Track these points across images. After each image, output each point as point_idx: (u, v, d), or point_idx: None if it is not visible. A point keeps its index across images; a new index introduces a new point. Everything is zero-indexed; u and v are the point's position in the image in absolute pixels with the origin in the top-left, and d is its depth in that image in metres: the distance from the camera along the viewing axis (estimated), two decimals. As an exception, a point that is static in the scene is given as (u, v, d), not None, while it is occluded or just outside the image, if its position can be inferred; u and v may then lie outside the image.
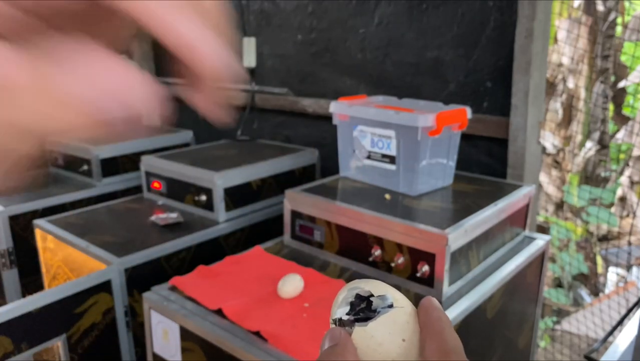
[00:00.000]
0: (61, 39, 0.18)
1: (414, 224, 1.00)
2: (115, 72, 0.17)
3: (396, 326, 0.28)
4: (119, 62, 0.17)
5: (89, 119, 0.18)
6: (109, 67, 0.17)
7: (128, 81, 0.17)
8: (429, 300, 0.29)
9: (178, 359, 1.07)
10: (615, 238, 3.30)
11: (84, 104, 0.17)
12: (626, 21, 2.90)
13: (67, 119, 0.17)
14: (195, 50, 0.18)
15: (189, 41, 0.18)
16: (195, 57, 0.19)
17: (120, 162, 1.88)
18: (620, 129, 3.26)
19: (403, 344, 0.28)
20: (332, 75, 1.71)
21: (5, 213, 1.58)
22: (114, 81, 0.17)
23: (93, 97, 0.17)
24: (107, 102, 0.17)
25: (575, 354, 2.69)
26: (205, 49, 0.18)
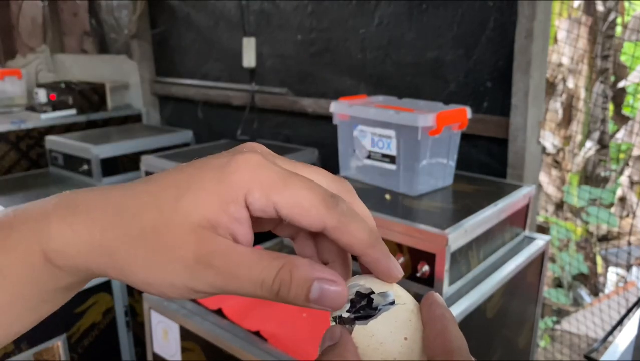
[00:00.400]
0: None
1: (414, 224, 1.00)
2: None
3: (397, 325, 0.27)
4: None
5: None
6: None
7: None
8: (433, 296, 0.28)
9: (178, 359, 1.07)
10: (615, 238, 3.30)
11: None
12: (626, 21, 2.90)
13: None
14: (386, 270, 0.28)
15: (385, 266, 0.28)
16: (385, 272, 0.29)
17: (120, 162, 1.88)
18: (620, 129, 3.26)
19: (405, 343, 0.27)
20: (332, 75, 1.71)
21: (5, 213, 1.58)
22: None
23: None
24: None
25: (575, 354, 2.69)
26: (389, 266, 0.28)
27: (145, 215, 0.27)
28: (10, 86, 2.62)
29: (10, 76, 2.63)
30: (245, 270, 0.26)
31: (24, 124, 2.05)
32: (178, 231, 0.26)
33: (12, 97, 2.62)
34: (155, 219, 0.26)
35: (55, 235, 0.27)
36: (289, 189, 0.26)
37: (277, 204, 0.26)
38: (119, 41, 2.50)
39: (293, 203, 0.26)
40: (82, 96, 2.28)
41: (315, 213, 0.26)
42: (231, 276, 0.26)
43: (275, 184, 0.26)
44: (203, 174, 0.27)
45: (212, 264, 0.26)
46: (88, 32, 2.74)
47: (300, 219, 0.27)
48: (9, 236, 0.27)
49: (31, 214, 0.28)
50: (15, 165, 2.04)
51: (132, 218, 0.27)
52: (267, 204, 0.27)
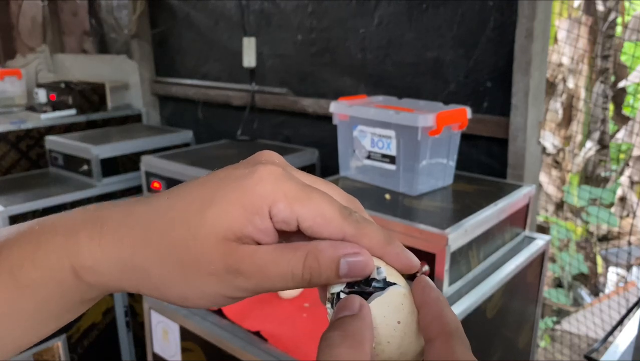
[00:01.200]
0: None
1: (414, 224, 1.00)
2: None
3: (391, 308, 0.27)
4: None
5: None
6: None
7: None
8: (425, 279, 0.29)
9: (178, 359, 1.07)
10: (615, 238, 3.30)
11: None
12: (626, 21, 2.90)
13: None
14: (407, 261, 0.29)
15: (405, 258, 0.29)
16: (406, 264, 0.29)
17: (120, 162, 1.88)
18: (620, 129, 3.26)
19: (398, 326, 0.27)
20: (332, 75, 1.71)
21: (5, 213, 1.58)
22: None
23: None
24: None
25: (575, 354, 2.69)
26: (408, 257, 0.29)
27: (173, 232, 0.28)
28: (10, 86, 2.62)
29: (10, 76, 2.63)
30: (272, 268, 0.27)
31: (24, 124, 2.05)
32: (206, 245, 0.27)
33: (12, 97, 2.62)
34: (183, 234, 0.27)
35: (84, 253, 0.28)
36: (312, 202, 0.28)
37: (300, 217, 0.28)
38: (119, 41, 2.50)
39: (315, 215, 0.28)
40: (82, 96, 2.28)
41: (336, 223, 0.28)
42: (261, 277, 0.27)
43: (298, 197, 0.28)
44: (226, 187, 0.28)
45: (240, 271, 0.27)
46: (88, 32, 2.74)
47: (321, 231, 0.28)
48: (37, 250, 0.28)
49: (58, 230, 0.29)
50: (15, 165, 2.04)
51: (161, 236, 0.28)
52: (291, 216, 0.28)
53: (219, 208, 0.27)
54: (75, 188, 1.79)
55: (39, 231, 0.29)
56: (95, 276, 0.28)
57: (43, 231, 0.29)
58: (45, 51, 2.93)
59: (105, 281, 0.28)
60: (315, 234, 0.28)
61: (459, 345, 0.25)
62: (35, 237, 0.28)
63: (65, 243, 0.28)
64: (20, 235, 0.29)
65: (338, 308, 0.27)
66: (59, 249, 0.28)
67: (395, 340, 0.27)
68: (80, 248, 0.28)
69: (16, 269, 0.27)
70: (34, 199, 1.66)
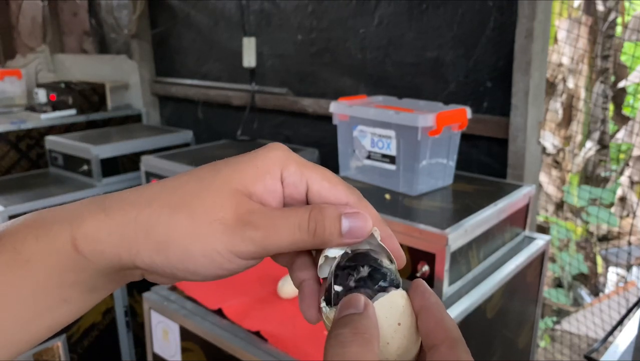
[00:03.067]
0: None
1: (414, 224, 1.00)
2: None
3: (392, 311, 0.27)
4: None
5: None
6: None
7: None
8: (422, 283, 0.29)
9: (178, 359, 1.07)
10: (615, 238, 3.30)
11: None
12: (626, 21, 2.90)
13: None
14: (397, 248, 0.31)
15: (396, 245, 0.31)
16: (396, 250, 0.31)
17: (120, 162, 1.88)
18: (620, 129, 3.26)
19: (398, 328, 0.27)
20: (332, 75, 1.71)
21: (5, 213, 1.58)
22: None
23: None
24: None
25: (575, 354, 2.69)
26: (398, 246, 0.31)
27: (186, 186, 0.29)
28: (10, 86, 2.62)
29: (10, 76, 2.63)
30: (281, 219, 0.28)
31: (24, 124, 2.05)
32: (218, 195, 0.28)
33: (12, 97, 2.62)
34: (196, 187, 0.28)
35: (87, 220, 0.28)
36: (318, 169, 0.30)
37: (309, 178, 0.30)
38: (119, 41, 2.50)
39: (322, 178, 0.30)
40: (82, 96, 2.28)
41: (342, 189, 0.30)
42: (270, 227, 0.28)
43: (306, 163, 0.30)
44: (239, 157, 0.30)
45: (250, 221, 0.28)
46: (88, 32, 2.74)
47: (328, 195, 0.30)
48: (42, 225, 0.28)
49: (64, 207, 0.29)
50: (15, 165, 2.04)
51: (173, 191, 0.29)
52: (301, 178, 0.30)
53: (232, 167, 0.29)
54: (75, 188, 1.79)
55: (45, 212, 0.29)
56: (93, 244, 0.27)
57: (49, 210, 0.29)
58: (45, 51, 2.93)
59: (102, 248, 0.27)
60: (322, 198, 0.30)
61: (464, 352, 0.26)
62: (41, 215, 0.29)
63: (69, 216, 0.28)
64: (29, 216, 0.29)
65: (343, 305, 0.27)
66: (62, 221, 0.28)
67: (395, 341, 0.27)
68: (83, 217, 0.28)
69: (19, 243, 0.27)
70: (34, 199, 1.66)
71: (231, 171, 0.29)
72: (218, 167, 0.29)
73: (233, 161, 0.30)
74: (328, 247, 0.29)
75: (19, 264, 0.27)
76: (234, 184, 0.28)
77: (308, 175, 0.30)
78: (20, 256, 0.27)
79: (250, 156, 0.30)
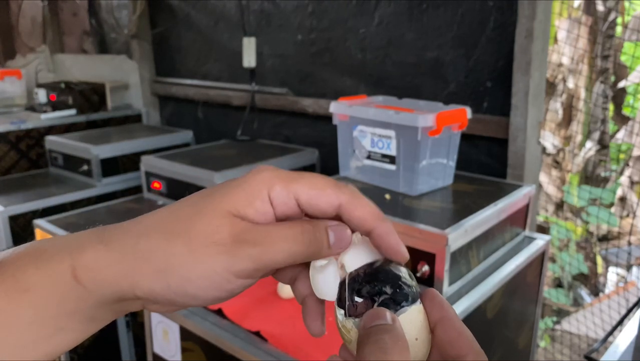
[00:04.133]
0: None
1: (414, 224, 1.00)
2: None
3: (412, 325, 0.28)
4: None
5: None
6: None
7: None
8: (438, 294, 0.29)
9: (178, 359, 1.07)
10: (615, 238, 3.30)
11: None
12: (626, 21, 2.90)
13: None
14: (396, 245, 0.31)
15: (396, 241, 0.31)
16: (395, 247, 0.31)
17: (120, 162, 1.88)
18: (620, 129, 3.26)
19: (416, 343, 0.28)
20: (332, 75, 1.71)
21: (5, 213, 1.58)
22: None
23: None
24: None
25: (575, 354, 2.69)
26: (399, 242, 0.31)
27: (180, 213, 0.29)
28: (10, 86, 2.62)
29: (10, 76, 2.63)
30: (275, 233, 0.29)
31: (24, 124, 2.05)
32: (212, 218, 0.29)
33: (12, 97, 2.62)
34: (190, 212, 0.29)
35: (87, 251, 0.28)
36: (304, 178, 0.31)
37: (296, 192, 0.30)
38: (119, 41, 2.50)
39: (310, 186, 0.30)
40: (82, 96, 2.28)
41: (331, 191, 0.30)
42: (266, 242, 0.28)
43: (292, 177, 0.31)
44: (228, 183, 0.31)
45: (246, 239, 0.28)
46: (88, 32, 2.74)
47: (317, 201, 0.30)
48: (42, 254, 0.28)
49: (65, 237, 0.30)
50: (15, 165, 2.04)
51: (169, 217, 0.29)
52: (288, 195, 0.30)
53: (223, 193, 0.30)
54: (75, 188, 1.79)
55: (46, 241, 0.29)
56: (93, 274, 0.28)
57: (50, 240, 0.29)
58: (45, 51, 2.93)
59: (102, 278, 0.28)
60: (314, 207, 0.30)
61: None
62: (41, 245, 0.29)
63: (68, 246, 0.28)
64: (29, 245, 0.29)
65: (371, 316, 0.27)
66: (62, 251, 0.28)
67: (412, 357, 0.27)
68: (83, 247, 0.28)
69: (20, 272, 0.27)
70: (34, 199, 1.66)
71: (222, 195, 0.29)
72: (209, 193, 0.30)
73: (223, 187, 0.30)
74: (318, 258, 0.30)
75: (19, 293, 0.27)
76: (227, 207, 0.29)
77: (294, 189, 0.30)
78: (20, 285, 0.27)
79: (238, 182, 0.30)
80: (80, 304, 0.28)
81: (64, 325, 0.28)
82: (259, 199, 0.30)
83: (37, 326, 0.28)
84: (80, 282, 0.28)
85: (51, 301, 0.28)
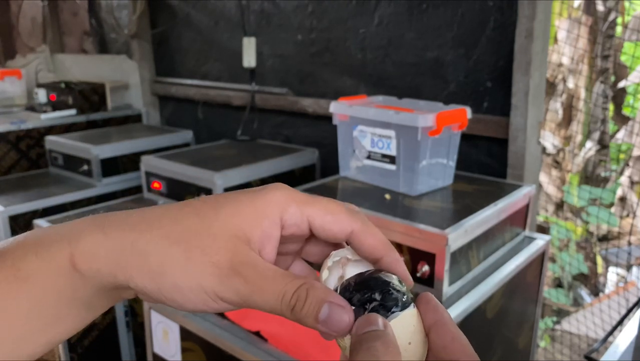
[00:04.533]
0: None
1: (414, 224, 1.00)
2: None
3: (404, 330, 0.28)
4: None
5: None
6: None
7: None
8: (433, 298, 0.29)
9: (178, 359, 1.07)
10: (615, 238, 3.30)
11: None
12: (626, 21, 2.90)
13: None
14: (404, 272, 0.31)
15: (403, 269, 0.31)
16: (403, 274, 0.31)
17: (120, 162, 1.88)
18: (620, 129, 3.26)
19: (409, 347, 0.27)
20: (332, 75, 1.71)
21: (5, 213, 1.58)
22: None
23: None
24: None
25: (575, 354, 2.69)
26: (405, 269, 0.32)
27: (186, 221, 0.29)
28: (10, 86, 2.62)
29: (10, 76, 2.63)
30: (270, 282, 0.28)
31: (24, 124, 2.05)
32: (216, 238, 0.28)
33: (12, 97, 2.62)
34: (197, 224, 0.29)
35: (86, 238, 0.28)
36: (319, 203, 0.31)
37: (310, 216, 0.30)
38: (119, 41, 2.50)
39: (324, 213, 0.30)
40: (82, 96, 2.28)
41: (344, 218, 0.30)
42: (257, 286, 0.28)
43: (307, 201, 0.31)
44: (241, 194, 0.30)
45: (241, 273, 0.28)
46: (88, 32, 2.74)
47: (331, 227, 0.30)
48: (42, 242, 0.28)
49: (65, 225, 0.30)
50: (15, 165, 2.04)
51: (174, 222, 0.29)
52: (302, 218, 0.30)
53: (232, 207, 0.29)
54: (75, 188, 1.79)
55: (47, 229, 0.29)
56: (90, 262, 0.28)
57: (50, 228, 0.29)
58: (45, 51, 2.93)
59: (98, 267, 0.28)
60: (327, 231, 0.30)
61: None
62: (42, 232, 0.29)
63: (68, 233, 0.29)
64: (30, 233, 0.29)
65: (362, 323, 0.27)
66: (62, 239, 0.28)
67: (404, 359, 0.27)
68: (82, 235, 0.28)
69: (19, 260, 0.28)
70: (34, 199, 1.66)
71: (232, 212, 0.29)
72: (220, 205, 0.30)
73: (234, 200, 0.30)
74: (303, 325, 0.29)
75: (19, 281, 0.27)
76: (233, 229, 0.29)
77: (309, 212, 0.30)
78: (20, 272, 0.27)
79: (250, 196, 0.30)
80: (78, 291, 0.28)
81: (62, 313, 0.29)
82: (268, 221, 0.29)
83: (36, 315, 0.28)
84: (78, 269, 0.28)
85: (50, 290, 0.28)
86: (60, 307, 0.28)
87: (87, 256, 0.28)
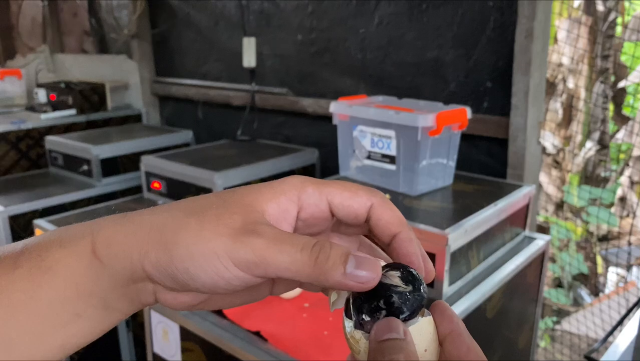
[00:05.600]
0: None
1: (414, 224, 1.00)
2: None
3: (421, 337, 0.28)
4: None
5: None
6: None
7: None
8: (447, 306, 0.29)
9: (178, 359, 1.07)
10: (615, 238, 3.30)
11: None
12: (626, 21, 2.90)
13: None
14: (418, 253, 0.31)
15: (418, 250, 0.31)
16: (415, 255, 0.31)
17: (120, 162, 1.88)
18: (620, 129, 3.26)
19: (425, 354, 0.27)
20: (332, 75, 1.71)
21: (5, 213, 1.58)
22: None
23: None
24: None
25: (575, 354, 2.69)
26: (423, 252, 0.31)
27: (204, 200, 0.30)
28: (10, 86, 2.62)
29: (10, 76, 2.63)
30: (287, 236, 0.28)
31: (24, 124, 2.05)
32: (231, 206, 0.29)
33: (12, 97, 2.62)
34: (214, 200, 0.30)
35: (108, 226, 0.29)
36: (336, 183, 0.32)
37: (329, 194, 0.31)
38: (119, 41, 2.50)
39: (343, 189, 0.31)
40: (82, 96, 2.28)
41: (363, 193, 0.31)
42: (273, 239, 0.27)
43: (324, 182, 0.32)
44: (259, 184, 0.31)
45: (256, 230, 0.28)
46: (88, 32, 2.74)
47: (351, 202, 0.31)
48: (68, 234, 0.29)
49: (91, 221, 0.31)
50: (15, 165, 2.04)
51: (192, 201, 0.30)
52: (320, 196, 0.31)
53: (250, 190, 0.31)
54: (75, 188, 1.79)
55: (73, 225, 0.30)
56: (109, 247, 0.28)
57: (76, 225, 0.30)
58: (45, 51, 2.93)
59: (116, 251, 0.28)
60: (347, 208, 0.31)
61: None
62: (68, 227, 0.30)
63: (92, 225, 0.30)
64: (56, 229, 0.30)
65: (382, 328, 0.26)
66: (86, 230, 0.29)
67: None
68: (105, 223, 0.30)
69: (44, 251, 0.28)
70: (34, 199, 1.66)
71: (249, 193, 0.30)
72: (238, 189, 0.31)
73: (253, 186, 0.31)
74: (326, 285, 0.27)
75: (42, 272, 0.28)
76: (249, 200, 0.30)
77: (327, 191, 0.31)
78: (44, 263, 0.28)
79: (269, 182, 0.31)
80: (96, 285, 0.28)
81: (80, 310, 0.29)
82: (285, 197, 0.30)
83: (55, 311, 0.28)
84: (97, 256, 0.28)
85: (71, 281, 0.28)
86: (79, 303, 0.28)
87: (107, 242, 0.28)
